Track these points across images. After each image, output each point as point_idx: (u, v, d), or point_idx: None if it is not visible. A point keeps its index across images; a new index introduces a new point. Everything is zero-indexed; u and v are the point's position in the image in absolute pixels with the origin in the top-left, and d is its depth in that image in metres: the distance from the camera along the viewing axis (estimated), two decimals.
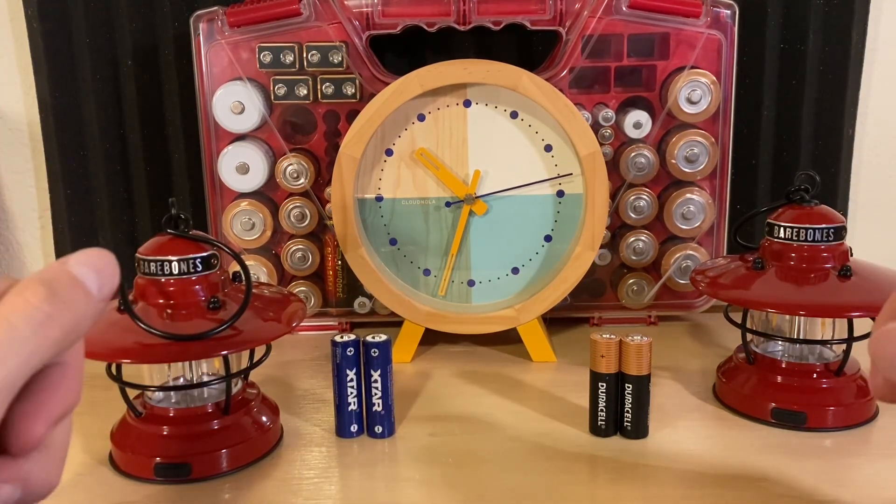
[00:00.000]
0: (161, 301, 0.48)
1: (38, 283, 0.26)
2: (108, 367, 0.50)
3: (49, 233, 0.83)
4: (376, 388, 0.53)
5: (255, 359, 0.53)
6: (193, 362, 0.52)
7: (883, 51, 0.80)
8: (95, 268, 0.28)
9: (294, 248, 0.69)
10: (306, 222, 0.69)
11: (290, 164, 0.68)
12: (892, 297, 0.36)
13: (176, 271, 0.48)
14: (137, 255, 0.49)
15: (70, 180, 0.79)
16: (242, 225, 0.68)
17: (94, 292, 0.28)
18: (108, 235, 0.80)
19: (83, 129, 0.78)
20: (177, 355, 0.47)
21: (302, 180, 0.68)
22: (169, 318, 0.48)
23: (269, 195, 0.70)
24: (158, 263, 0.48)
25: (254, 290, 0.51)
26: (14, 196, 0.85)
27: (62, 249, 0.81)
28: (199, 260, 0.49)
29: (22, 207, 0.85)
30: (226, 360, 0.50)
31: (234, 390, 0.52)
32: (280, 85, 0.67)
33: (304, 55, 0.66)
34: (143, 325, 0.46)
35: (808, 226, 0.54)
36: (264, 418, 0.53)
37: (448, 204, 0.66)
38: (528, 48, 0.77)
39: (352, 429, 0.53)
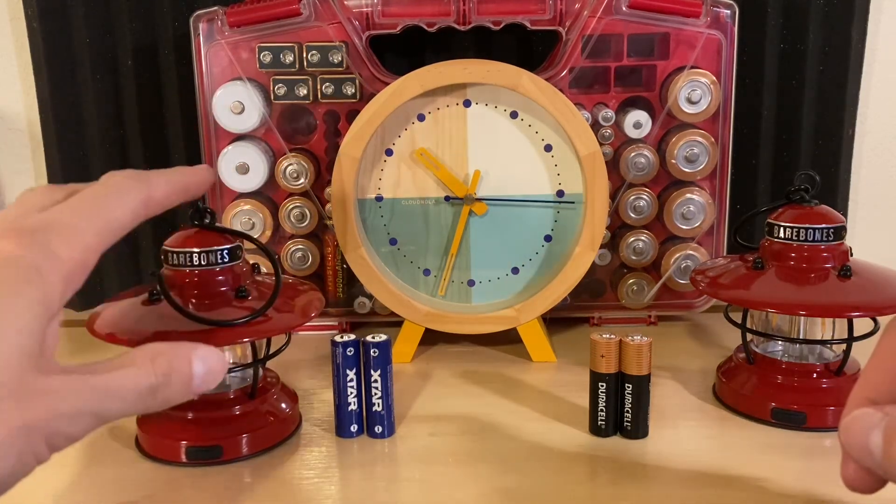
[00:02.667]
0: (188, 291, 0.50)
1: (165, 361, 0.35)
2: None
3: None
4: (376, 388, 0.53)
5: (276, 347, 0.55)
6: None
7: (883, 51, 0.80)
8: (210, 369, 0.36)
9: (294, 248, 0.70)
10: (306, 222, 0.69)
11: (290, 164, 0.68)
12: (858, 385, 0.36)
13: (204, 262, 0.50)
14: (165, 247, 0.51)
15: (70, 180, 0.78)
16: (242, 225, 0.68)
17: (193, 389, 0.36)
18: None
19: (83, 129, 0.78)
20: (210, 341, 0.48)
21: (302, 180, 0.68)
22: (195, 308, 0.49)
23: (269, 195, 0.70)
24: (186, 255, 0.50)
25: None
26: (14, 196, 0.84)
27: None
28: (225, 251, 0.51)
29: None
30: (253, 345, 0.53)
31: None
32: (280, 85, 0.67)
33: (304, 55, 0.66)
34: (185, 312, 0.48)
35: (808, 226, 0.54)
36: (283, 405, 0.55)
37: (448, 198, 0.66)
38: (528, 48, 0.77)
39: (352, 429, 0.53)
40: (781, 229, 0.55)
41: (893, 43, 0.80)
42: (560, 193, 0.66)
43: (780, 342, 0.58)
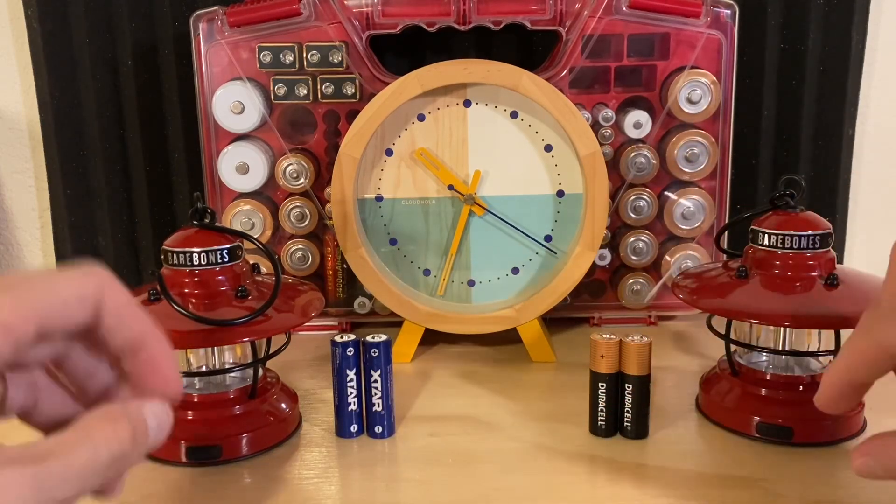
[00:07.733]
0: (188, 291, 0.50)
1: (127, 421, 0.31)
2: None
3: (49, 233, 0.83)
4: (376, 388, 0.53)
5: (276, 347, 0.55)
6: (216, 350, 0.54)
7: (883, 51, 0.80)
8: (160, 425, 0.33)
9: (294, 248, 0.70)
10: (306, 222, 0.69)
11: (290, 164, 0.68)
12: (838, 365, 0.38)
13: (204, 262, 0.50)
14: (165, 247, 0.51)
15: (70, 180, 0.79)
16: (242, 225, 0.68)
17: (149, 443, 0.32)
18: (108, 235, 0.80)
19: (83, 129, 0.78)
20: (210, 341, 0.49)
21: (302, 180, 0.68)
22: (195, 308, 0.49)
23: (269, 195, 0.70)
24: (186, 255, 0.50)
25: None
26: (14, 196, 0.85)
27: (62, 249, 0.81)
28: (225, 251, 0.51)
29: (22, 207, 0.85)
30: (253, 345, 0.53)
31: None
32: (280, 85, 0.67)
33: (304, 55, 0.66)
34: (185, 313, 0.48)
35: (792, 232, 0.52)
36: (283, 405, 0.55)
37: (451, 188, 0.65)
38: (528, 48, 0.77)
39: (352, 429, 0.53)
40: (765, 236, 0.53)
41: (893, 43, 0.80)
42: (560, 193, 0.66)
43: (764, 353, 0.56)
